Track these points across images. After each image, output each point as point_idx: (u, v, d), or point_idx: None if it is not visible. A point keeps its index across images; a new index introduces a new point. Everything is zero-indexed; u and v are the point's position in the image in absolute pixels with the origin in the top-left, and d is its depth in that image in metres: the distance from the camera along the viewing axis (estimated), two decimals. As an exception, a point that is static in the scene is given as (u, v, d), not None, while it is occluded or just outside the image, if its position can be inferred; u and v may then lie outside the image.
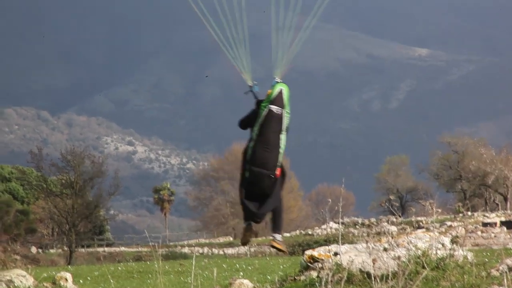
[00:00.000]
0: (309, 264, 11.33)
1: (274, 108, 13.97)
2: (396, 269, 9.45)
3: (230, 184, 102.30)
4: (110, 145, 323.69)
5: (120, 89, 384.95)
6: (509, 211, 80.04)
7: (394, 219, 74.52)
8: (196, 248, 68.82)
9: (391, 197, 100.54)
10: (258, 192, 13.57)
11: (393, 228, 56.59)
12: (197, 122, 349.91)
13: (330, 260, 10.52)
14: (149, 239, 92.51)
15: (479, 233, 61.39)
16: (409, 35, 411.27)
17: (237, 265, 26.19)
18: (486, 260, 11.40)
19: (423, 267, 9.74)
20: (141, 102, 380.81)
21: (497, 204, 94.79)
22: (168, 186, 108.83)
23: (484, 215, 69.86)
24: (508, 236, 59.39)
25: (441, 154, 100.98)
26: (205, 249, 71.68)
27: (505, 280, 9.04)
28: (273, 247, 13.07)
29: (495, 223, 65.89)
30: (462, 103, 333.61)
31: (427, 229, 26.07)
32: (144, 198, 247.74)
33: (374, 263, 9.75)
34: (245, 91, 15.00)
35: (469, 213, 70.74)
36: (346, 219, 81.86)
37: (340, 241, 11.02)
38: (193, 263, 11.37)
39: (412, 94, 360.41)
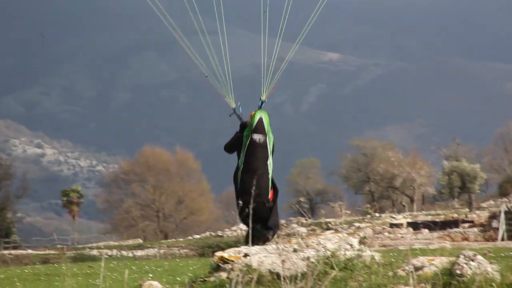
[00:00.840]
0: (219, 265, 11.33)
1: (256, 137, 13.92)
2: (305, 269, 9.52)
3: (140, 187, 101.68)
4: (18, 147, 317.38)
5: (30, 92, 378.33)
6: (415, 213, 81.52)
7: (304, 221, 75.07)
8: (105, 250, 67.99)
9: (301, 199, 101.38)
10: (254, 217, 13.37)
11: (303, 230, 57.03)
12: (108, 125, 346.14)
13: (240, 262, 10.55)
14: (57, 241, 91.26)
15: (386, 234, 62.40)
16: (321, 40, 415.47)
17: (146, 266, 26.04)
18: (393, 260, 11.58)
19: (332, 268, 9.84)
20: (52, 105, 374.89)
21: (404, 206, 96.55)
22: (79, 188, 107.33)
23: (391, 217, 70.96)
24: (414, 236, 60.55)
25: (350, 157, 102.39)
26: (114, 251, 70.92)
27: (410, 279, 9.20)
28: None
29: (402, 224, 67.07)
30: (371, 107, 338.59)
31: (336, 231, 26.45)
32: (53, 200, 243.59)
33: (283, 264, 9.81)
34: (230, 114, 14.97)
35: (377, 214, 71.78)
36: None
37: (250, 243, 11.05)
38: (102, 265, 11.24)
39: (322, 98, 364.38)
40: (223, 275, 10.91)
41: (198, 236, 78.00)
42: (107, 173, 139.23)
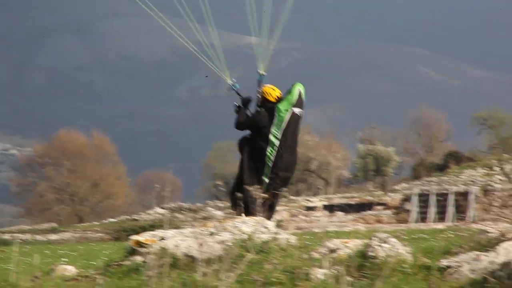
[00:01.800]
0: (134, 249, 11.27)
1: (297, 110, 13.51)
2: (221, 253, 9.54)
3: (55, 170, 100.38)
4: None
5: None
6: (330, 195, 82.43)
7: (221, 204, 75.19)
8: (18, 235, 66.90)
9: (218, 182, 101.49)
10: (272, 196, 13.14)
11: (219, 213, 57.18)
12: (23, 108, 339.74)
13: (156, 245, 10.51)
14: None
15: (302, 217, 63.01)
16: (238, 23, 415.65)
17: (60, 251, 25.72)
18: (308, 243, 11.68)
19: (248, 251, 9.88)
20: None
21: (320, 189, 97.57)
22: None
23: (307, 200, 71.61)
24: (329, 219, 61.29)
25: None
26: (28, 236, 69.85)
27: (325, 262, 9.30)
28: None
29: (317, 207, 67.78)
30: (284, 90, 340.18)
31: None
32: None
33: (200, 247, 9.80)
34: (227, 89, 14.55)
35: (293, 197, 72.31)
36: (172, 204, 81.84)
37: (166, 226, 11.01)
38: (15, 249, 11.06)
39: (239, 81, 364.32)
40: (139, 259, 10.85)
41: (113, 220, 77.37)
42: (21, 157, 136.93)
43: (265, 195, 13.51)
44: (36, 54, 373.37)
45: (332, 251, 10.44)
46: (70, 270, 11.87)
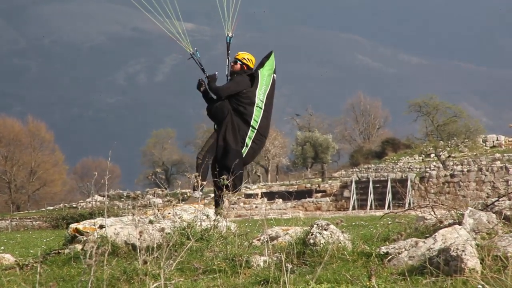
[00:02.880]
0: (73, 237, 11.18)
1: (275, 76, 13.75)
2: (161, 241, 9.52)
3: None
4: None
5: None
6: (270, 183, 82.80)
7: (160, 192, 75.01)
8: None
9: (158, 170, 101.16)
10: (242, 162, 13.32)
11: (159, 201, 57.02)
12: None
13: (95, 233, 10.44)
14: None
15: (242, 204, 63.17)
16: (175, 10, 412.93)
17: (-2, 240, 25.41)
18: (248, 230, 11.72)
19: (188, 239, 9.87)
20: None
21: (259, 176, 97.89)
22: None
23: (247, 187, 71.83)
24: (269, 206, 61.54)
25: (206, 127, 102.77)
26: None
27: (265, 249, 9.34)
28: None
29: (257, 195, 68.04)
30: (226, 76, 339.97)
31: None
32: None
33: (140, 236, 9.77)
34: (188, 58, 14.41)
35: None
36: (111, 192, 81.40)
37: (106, 214, 10.94)
38: (-49, 239, 10.91)
39: (177, 68, 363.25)
40: (78, 247, 10.78)
41: (51, 208, 76.70)
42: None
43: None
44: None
45: (273, 238, 10.49)
46: (8, 258, 11.73)
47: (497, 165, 65.24)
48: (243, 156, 13.89)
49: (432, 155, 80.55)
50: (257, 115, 13.63)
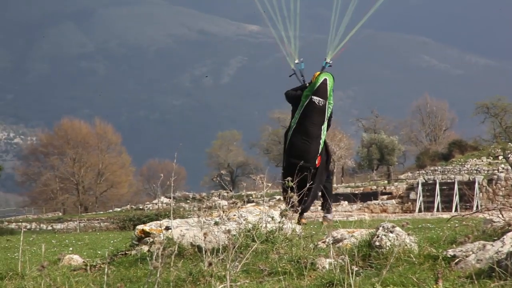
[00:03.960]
0: (140, 238, 11.29)
1: (316, 99, 13.20)
2: (226, 242, 9.55)
3: (59, 159, 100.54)
4: None
5: None
6: (335, 185, 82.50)
7: (225, 194, 75.33)
8: (24, 224, 67.11)
9: (223, 171, 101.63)
10: (298, 183, 12.85)
11: (224, 203, 57.22)
12: (25, 97, 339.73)
13: (161, 235, 10.52)
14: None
15: (307, 206, 62.95)
16: (240, 12, 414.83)
17: (66, 240, 25.73)
18: (314, 232, 11.69)
19: (253, 240, 9.89)
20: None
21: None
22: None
23: (312, 189, 71.55)
24: (334, 208, 61.30)
25: (271, 129, 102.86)
26: (33, 225, 70.15)
27: (331, 251, 9.31)
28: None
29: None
30: (290, 79, 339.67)
31: (257, 203, 26.54)
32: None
33: (205, 237, 9.81)
34: (290, 74, 14.22)
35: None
36: (177, 194, 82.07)
37: (172, 216, 11.02)
38: (21, 238, 11.07)
39: (243, 70, 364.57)
40: (144, 248, 10.88)
41: (118, 209, 77.63)
42: (25, 146, 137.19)
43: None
44: (39, 42, 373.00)
45: (338, 240, 10.45)
46: (77, 259, 11.90)
47: None
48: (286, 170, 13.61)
49: (500, 157, 79.34)
50: (289, 135, 13.46)
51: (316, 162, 13.34)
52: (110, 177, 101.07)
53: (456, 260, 8.66)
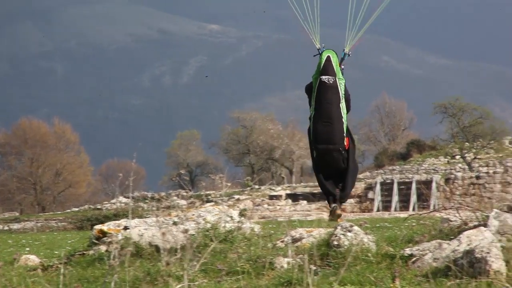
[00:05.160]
0: (98, 238, 11.22)
1: (325, 78, 12.91)
2: (185, 242, 9.53)
3: (17, 159, 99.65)
4: None
5: None
6: (294, 184, 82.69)
7: (184, 193, 75.11)
8: (-20, 224, 66.24)
9: (182, 171, 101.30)
10: (329, 170, 12.58)
11: (183, 202, 57.07)
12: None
13: (120, 234, 10.47)
14: None
15: (265, 206, 63.12)
16: (200, 11, 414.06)
17: (23, 240, 25.52)
18: (272, 232, 11.72)
19: (212, 240, 9.88)
20: None
21: (283, 178, 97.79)
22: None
23: (271, 189, 71.76)
24: (293, 208, 61.47)
25: (230, 129, 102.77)
26: (-10, 225, 69.31)
27: (289, 251, 9.33)
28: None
29: (281, 196, 67.96)
30: (251, 79, 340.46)
31: (216, 203, 26.47)
32: None
33: (163, 237, 9.78)
34: (314, 54, 13.92)
35: (257, 186, 72.43)
36: (136, 194, 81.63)
37: (130, 215, 10.98)
38: (-24, 239, 10.98)
39: (202, 70, 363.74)
40: (102, 248, 10.82)
41: (76, 209, 77.01)
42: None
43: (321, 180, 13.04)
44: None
45: (296, 240, 10.48)
46: (33, 259, 11.80)
47: (523, 166, 64.76)
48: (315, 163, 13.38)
49: (458, 157, 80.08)
50: (310, 126, 13.17)
51: (345, 144, 13.05)
52: (68, 176, 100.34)
53: (413, 259, 8.72)
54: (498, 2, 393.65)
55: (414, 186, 62.57)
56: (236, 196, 63.04)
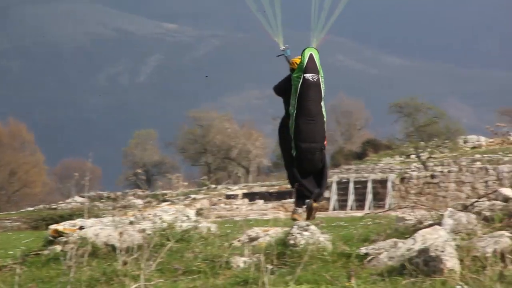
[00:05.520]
0: (53, 238, 11.14)
1: (309, 76, 12.82)
2: (141, 241, 9.50)
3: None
4: None
5: None
6: (250, 184, 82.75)
7: (141, 193, 74.82)
8: None
9: (138, 170, 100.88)
10: (310, 168, 12.54)
11: (139, 202, 56.85)
12: None
13: (75, 234, 10.40)
14: None
15: (222, 205, 63.10)
16: (157, 11, 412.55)
17: (-23, 241, 25.22)
18: (229, 231, 11.72)
19: (168, 240, 9.86)
20: None
21: (240, 177, 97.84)
22: None
23: (227, 188, 71.77)
24: (249, 207, 61.52)
25: (187, 128, 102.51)
26: None
27: (246, 250, 9.35)
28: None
29: (238, 195, 67.98)
30: (209, 78, 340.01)
31: (173, 202, 26.47)
32: None
33: (119, 236, 9.75)
34: (277, 55, 13.79)
35: (213, 186, 72.38)
36: (92, 193, 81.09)
37: (86, 215, 10.92)
38: None
39: (160, 69, 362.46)
40: (58, 248, 10.74)
41: (31, 209, 76.28)
42: None
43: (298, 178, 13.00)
44: None
45: (253, 239, 10.49)
46: (-13, 260, 11.68)
47: (477, 166, 65.45)
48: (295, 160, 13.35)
49: (413, 156, 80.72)
50: (291, 125, 13.11)
51: (325, 142, 13.13)
52: (23, 176, 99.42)
53: (369, 258, 8.78)
54: (453, 1, 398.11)
55: (370, 185, 62.96)
56: (193, 196, 62.91)
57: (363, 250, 9.07)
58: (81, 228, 10.65)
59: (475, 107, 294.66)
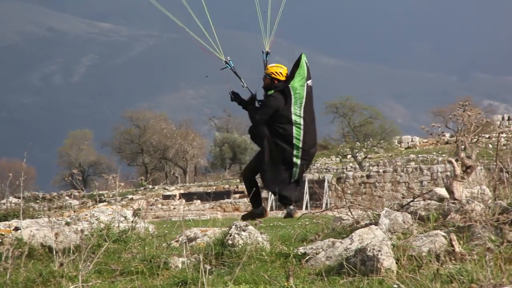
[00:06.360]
0: (-13, 240, 10.97)
1: (310, 82, 12.88)
2: (78, 242, 9.43)
3: None
4: None
5: None
6: (188, 184, 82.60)
7: (77, 193, 74.07)
8: None
9: (74, 171, 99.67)
10: (299, 175, 12.53)
11: (75, 202, 56.27)
12: None
13: (10, 235, 10.27)
14: None
15: (159, 205, 62.88)
16: (89, 10, 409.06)
17: None
18: (167, 231, 11.69)
19: (105, 240, 9.80)
20: None
21: (177, 177, 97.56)
22: None
23: (165, 188, 71.55)
24: (187, 208, 61.41)
25: (123, 128, 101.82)
26: None
27: (184, 250, 9.34)
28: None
29: (175, 196, 67.80)
30: (143, 78, 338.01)
31: (109, 203, 26.24)
32: None
33: (56, 237, 9.64)
34: (222, 68, 13.62)
35: (150, 186, 72.09)
36: (27, 194, 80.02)
37: (21, 216, 10.78)
38: None
39: (94, 69, 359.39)
40: (-8, 250, 10.59)
41: (-38, 211, 75.01)
42: None
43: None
44: None
45: (191, 239, 10.48)
46: None
47: (412, 166, 66.34)
48: (295, 177, 13.47)
49: (349, 156, 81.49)
50: (297, 133, 13.06)
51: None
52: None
53: (307, 258, 8.84)
54: (389, 4, 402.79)
55: (306, 185, 63.33)
56: (130, 196, 62.58)
57: (301, 250, 9.13)
58: (17, 229, 10.52)
59: (409, 108, 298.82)
